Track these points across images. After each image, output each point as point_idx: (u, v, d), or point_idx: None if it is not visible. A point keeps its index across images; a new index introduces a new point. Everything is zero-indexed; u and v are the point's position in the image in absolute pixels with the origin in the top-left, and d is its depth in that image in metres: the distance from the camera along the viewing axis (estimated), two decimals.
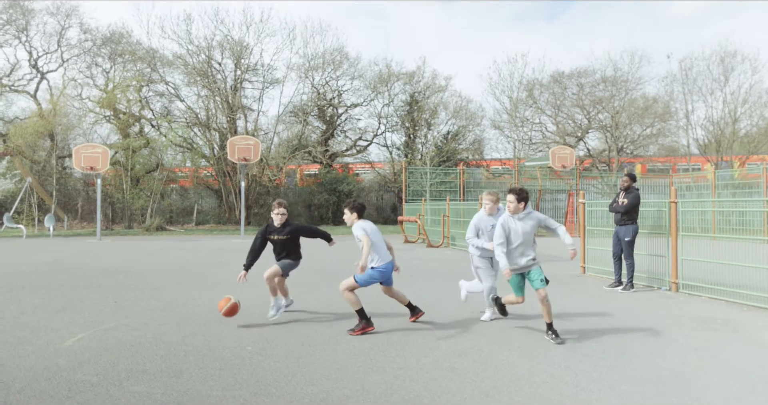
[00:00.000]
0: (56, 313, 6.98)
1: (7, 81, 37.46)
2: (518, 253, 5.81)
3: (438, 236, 19.48)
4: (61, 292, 8.71)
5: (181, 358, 4.96)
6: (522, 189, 5.84)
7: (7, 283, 9.76)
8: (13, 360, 4.87)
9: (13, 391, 4.07)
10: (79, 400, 3.84)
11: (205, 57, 35.45)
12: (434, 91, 38.77)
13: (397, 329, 6.18)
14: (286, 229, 6.80)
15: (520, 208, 5.80)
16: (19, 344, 5.43)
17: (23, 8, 36.68)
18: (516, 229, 5.79)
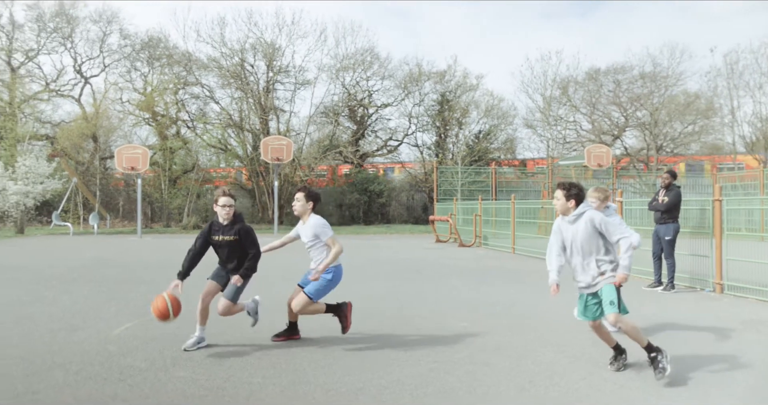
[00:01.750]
0: (104, 304, 7.29)
1: (54, 86, 38.72)
2: (579, 267, 4.59)
3: (470, 236, 19.48)
4: (107, 285, 9.06)
5: (222, 348, 5.16)
6: (573, 184, 4.61)
7: (60, 275, 10.22)
8: (69, 345, 5.15)
9: (71, 373, 4.32)
10: (130, 383, 4.06)
11: (239, 59, 36.04)
12: (465, 90, 38.65)
13: (431, 326, 6.28)
14: (235, 228, 5.24)
15: (570, 207, 4.56)
16: (73, 331, 5.73)
17: (68, 16, 37.84)
18: (568, 235, 4.60)
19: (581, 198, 4.57)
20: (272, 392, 3.97)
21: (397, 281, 9.96)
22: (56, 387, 4.00)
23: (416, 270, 11.75)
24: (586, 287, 4.57)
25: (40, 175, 26.47)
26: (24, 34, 38.43)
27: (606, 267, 4.50)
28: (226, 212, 5.22)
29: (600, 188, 5.68)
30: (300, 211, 5.44)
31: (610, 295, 4.41)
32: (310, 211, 5.44)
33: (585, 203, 4.59)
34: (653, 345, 4.41)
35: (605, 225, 4.47)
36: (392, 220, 36.98)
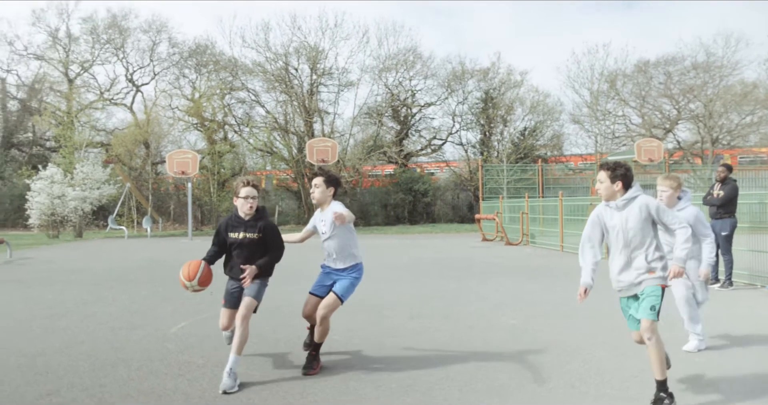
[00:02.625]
0: (160, 303, 7.57)
1: (108, 95, 40.18)
2: (621, 263, 3.87)
3: (516, 234, 19.29)
4: (163, 285, 9.38)
5: (273, 345, 5.30)
6: (618, 163, 3.93)
7: (117, 277, 10.64)
8: (130, 343, 5.39)
9: (133, 369, 4.53)
10: (189, 378, 4.23)
11: (283, 63, 36.61)
12: (509, 87, 38.25)
13: (479, 324, 6.29)
14: (259, 224, 4.45)
15: (617, 190, 3.85)
16: (132, 329, 5.98)
17: (120, 28, 39.18)
18: (613, 223, 3.88)
19: (629, 179, 3.90)
20: (324, 388, 4.07)
21: (444, 280, 9.98)
22: (121, 381, 4.20)
23: (463, 269, 11.74)
24: (626, 288, 3.87)
25: (97, 181, 27.48)
26: (79, 46, 40.04)
27: (657, 264, 3.79)
28: (249, 205, 4.41)
29: (671, 175, 5.13)
30: (320, 199, 4.69)
31: (654, 299, 3.73)
32: (331, 198, 4.72)
33: (636, 187, 3.90)
34: (668, 387, 3.68)
35: (662, 212, 3.81)
36: (437, 219, 36.90)
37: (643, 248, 3.82)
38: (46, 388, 4.06)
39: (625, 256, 3.86)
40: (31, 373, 4.43)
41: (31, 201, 26.14)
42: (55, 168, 27.21)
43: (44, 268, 12.86)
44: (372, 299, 7.89)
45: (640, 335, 3.79)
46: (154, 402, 3.73)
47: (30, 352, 5.09)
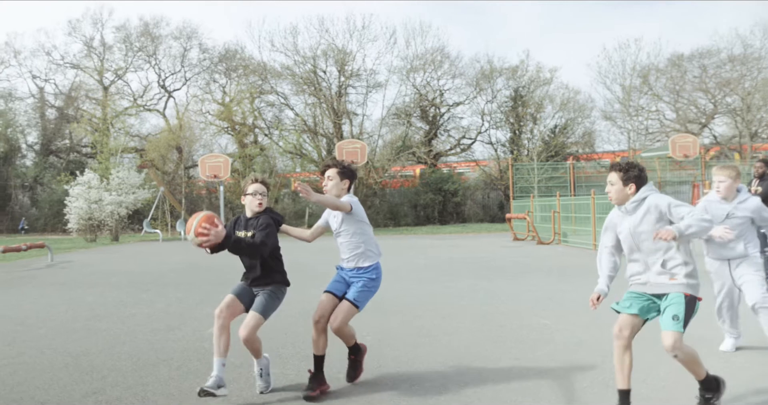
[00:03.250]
0: (196, 305, 7.74)
1: (141, 101, 41.06)
2: (637, 268, 3.54)
3: (548, 233, 19.13)
4: (198, 287, 9.59)
5: (308, 345, 5.34)
6: (631, 164, 3.56)
7: (154, 280, 10.90)
8: (169, 343, 5.54)
9: (174, 368, 4.67)
10: (227, 378, 4.32)
11: (311, 66, 36.93)
12: (539, 85, 37.97)
13: (511, 323, 6.29)
14: (259, 220, 4.07)
15: (628, 193, 3.48)
16: (171, 330, 6.14)
17: (152, 35, 40.00)
18: (622, 228, 3.55)
19: (643, 181, 3.49)
20: (356, 387, 4.14)
21: (475, 280, 9.97)
22: (162, 380, 4.34)
23: (494, 268, 11.71)
24: (643, 284, 3.52)
25: (132, 185, 28.11)
26: (113, 54, 41.04)
27: (679, 270, 3.39)
28: (258, 202, 4.07)
29: (729, 165, 4.72)
30: (334, 193, 4.30)
31: (677, 308, 3.31)
32: (346, 191, 4.34)
33: (648, 186, 3.50)
34: (712, 377, 3.51)
35: (674, 207, 3.36)
36: (468, 219, 36.79)
37: (659, 253, 3.43)
38: (92, 386, 4.22)
39: (642, 262, 3.51)
40: (77, 372, 4.60)
41: (70, 206, 26.86)
42: (92, 173, 27.92)
43: (84, 271, 13.23)
44: (403, 299, 7.95)
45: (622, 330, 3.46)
46: (194, 401, 3.85)
47: (75, 352, 5.27)
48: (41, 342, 5.74)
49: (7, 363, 4.95)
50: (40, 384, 4.31)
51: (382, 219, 34.87)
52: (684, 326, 3.30)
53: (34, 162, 43.09)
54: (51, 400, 3.93)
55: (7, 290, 9.93)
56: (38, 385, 4.27)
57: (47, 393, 4.09)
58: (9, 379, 4.44)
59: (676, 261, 3.40)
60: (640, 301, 3.48)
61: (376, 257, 4.29)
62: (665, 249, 3.41)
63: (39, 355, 5.19)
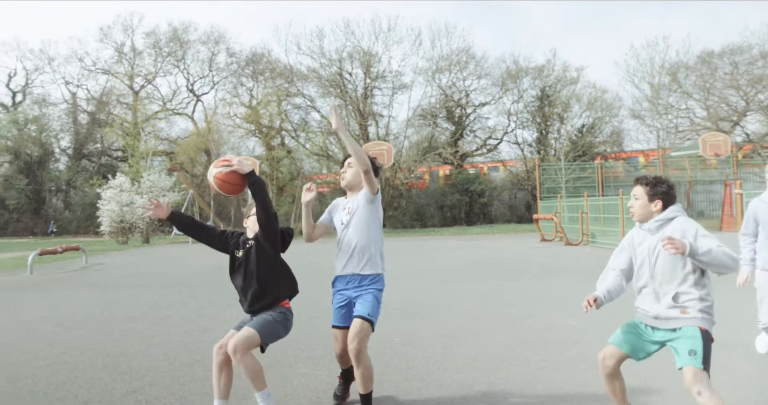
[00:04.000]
0: (227, 307, 7.91)
1: (170, 105, 41.79)
2: (649, 295, 3.14)
3: (576, 234, 18.99)
4: (228, 289, 9.69)
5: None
6: (659, 178, 3.17)
7: (185, 282, 11.15)
8: (203, 344, 5.69)
9: (208, 369, 4.75)
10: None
11: (337, 69, 37.16)
12: (566, 84, 37.68)
13: (538, 325, 6.31)
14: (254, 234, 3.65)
15: (653, 210, 3.12)
16: (203, 332, 6.31)
17: (181, 41, 40.70)
18: (642, 248, 3.18)
19: (672, 199, 3.13)
20: (388, 387, 4.22)
21: (502, 281, 9.99)
22: (198, 380, 4.48)
23: (521, 269, 11.70)
24: (653, 317, 3.11)
25: (162, 188, 28.66)
26: (143, 59, 41.87)
27: (693, 304, 2.99)
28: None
29: None
30: (351, 181, 3.87)
31: (693, 343, 2.92)
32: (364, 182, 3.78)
33: (677, 207, 3.13)
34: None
35: (701, 237, 2.96)
36: (495, 219, 36.64)
37: (674, 284, 3.04)
38: (131, 386, 4.37)
39: (653, 292, 3.12)
40: (117, 372, 4.77)
41: (102, 209, 27.49)
42: (124, 177, 28.54)
43: (117, 273, 13.57)
44: (430, 301, 8.01)
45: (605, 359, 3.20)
46: (230, 400, 3.97)
47: (113, 352, 5.46)
48: (81, 342, 5.95)
49: (50, 363, 5.15)
50: (82, 383, 4.48)
51: (408, 220, 34.93)
52: (704, 364, 2.88)
53: (67, 166, 44.16)
54: (93, 399, 4.09)
55: (46, 292, 10.24)
56: (80, 384, 4.44)
57: (89, 392, 4.25)
58: (53, 378, 4.63)
59: (691, 295, 3.00)
60: (636, 339, 3.17)
61: (382, 267, 3.81)
62: (681, 280, 3.02)
63: (79, 356, 5.38)
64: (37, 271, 14.06)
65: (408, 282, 10.26)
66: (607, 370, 3.22)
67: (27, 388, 4.38)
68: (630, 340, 3.17)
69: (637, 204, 3.18)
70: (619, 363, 3.20)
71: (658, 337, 3.11)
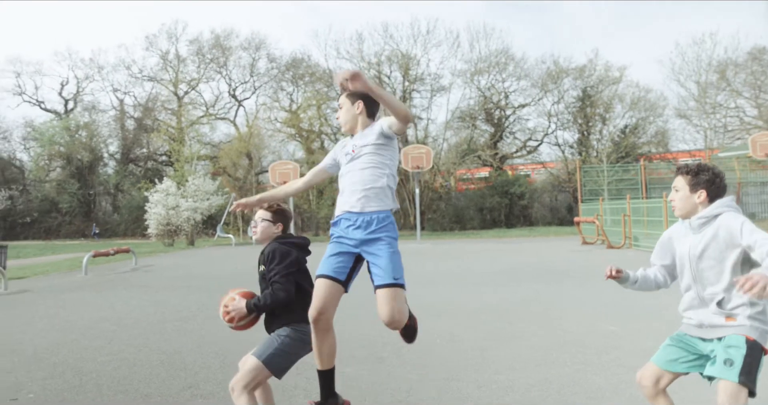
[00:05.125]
0: None
1: (213, 110, 42.81)
2: (689, 299, 2.79)
3: (618, 237, 18.77)
4: None
5: (380, 348, 5.67)
6: (702, 166, 2.78)
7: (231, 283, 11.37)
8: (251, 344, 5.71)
9: None
10: (307, 376, 4.67)
11: (376, 72, 37.48)
12: (608, 84, 37.14)
13: (578, 328, 6.38)
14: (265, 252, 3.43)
15: (696, 202, 2.71)
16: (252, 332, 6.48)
17: (223, 47, 41.67)
18: (682, 247, 2.79)
19: (719, 190, 2.72)
20: (428, 387, 4.39)
21: (541, 284, 10.03)
22: None
23: (561, 273, 11.70)
24: (697, 326, 2.74)
25: (206, 192, 29.43)
26: (187, 66, 43.02)
27: (741, 311, 2.59)
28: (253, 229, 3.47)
29: None
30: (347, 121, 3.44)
31: (734, 352, 2.51)
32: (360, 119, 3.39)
33: (726, 200, 2.71)
34: None
35: (747, 232, 2.53)
36: (535, 222, 36.35)
37: (720, 287, 2.65)
38: (186, 381, 4.65)
39: (696, 296, 2.75)
40: (172, 368, 5.07)
41: (150, 212, 28.40)
42: (170, 181, 29.43)
43: (165, 274, 14.08)
44: (470, 304, 8.14)
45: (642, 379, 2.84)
46: (279, 396, 4.19)
47: (167, 350, 5.77)
48: (137, 340, 6.29)
49: (111, 359, 5.49)
50: (141, 378, 4.79)
51: (447, 223, 34.96)
52: (745, 377, 2.47)
53: (115, 170, 45.68)
54: (153, 393, 4.38)
55: (101, 293, 10.75)
56: (140, 379, 4.75)
57: (149, 386, 4.55)
58: (114, 374, 4.95)
59: (740, 300, 2.60)
60: (678, 352, 2.79)
61: (392, 203, 3.23)
62: (729, 281, 2.61)
63: (137, 353, 5.71)
64: (91, 272, 14.68)
65: (448, 284, 10.40)
66: (645, 391, 2.86)
67: (92, 382, 4.71)
68: (671, 353, 2.78)
69: (677, 196, 2.79)
70: (658, 382, 2.81)
71: (705, 349, 2.69)
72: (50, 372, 5.07)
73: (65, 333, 6.86)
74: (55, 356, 5.67)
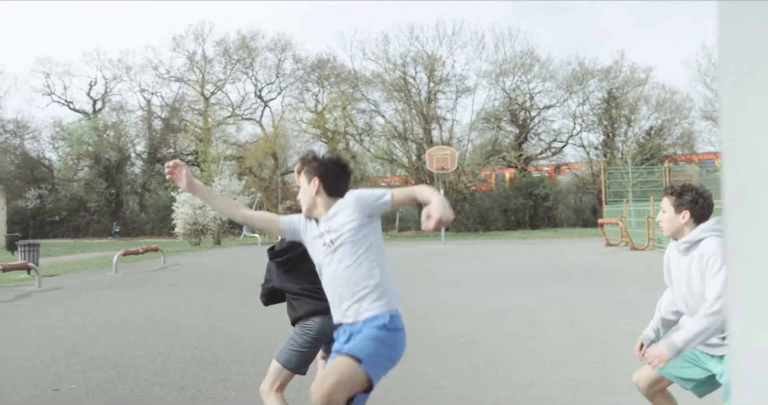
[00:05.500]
0: None
1: (239, 111, 43.35)
2: (687, 318, 2.80)
3: (642, 239, 18.67)
4: None
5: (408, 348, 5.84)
6: (686, 187, 2.78)
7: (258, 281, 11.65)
8: (279, 341, 5.95)
9: None
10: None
11: (401, 73, 37.66)
12: (634, 85, 36.80)
13: (598, 328, 6.48)
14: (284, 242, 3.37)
15: (681, 222, 2.72)
16: (280, 329, 6.64)
17: (249, 48, 42.19)
18: (676, 268, 2.82)
19: (704, 212, 2.71)
20: (452, 384, 4.55)
21: (564, 285, 10.10)
22: None
23: (584, 274, 11.74)
24: (709, 345, 2.69)
25: (233, 192, 29.87)
26: (214, 67, 43.62)
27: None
28: None
29: None
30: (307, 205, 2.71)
31: None
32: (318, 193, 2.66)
33: (707, 225, 2.68)
34: None
35: (709, 269, 2.55)
36: (559, 223, 36.19)
37: None
38: (219, 375, 4.88)
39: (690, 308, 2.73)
40: (205, 362, 5.30)
41: (177, 211, 28.92)
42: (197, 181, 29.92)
43: (194, 273, 14.42)
44: (492, 304, 8.27)
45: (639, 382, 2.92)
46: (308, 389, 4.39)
47: (200, 345, 6.02)
48: (170, 336, 6.55)
49: (146, 353, 5.74)
50: (176, 371, 5.03)
51: (472, 224, 34.99)
52: None
53: (142, 170, 46.49)
54: (188, 385, 4.61)
55: (133, 290, 11.09)
56: (175, 372, 4.99)
57: (184, 379, 4.78)
58: (150, 367, 5.20)
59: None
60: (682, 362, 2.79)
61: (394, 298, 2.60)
62: None
63: (170, 348, 5.96)
64: (121, 270, 15.09)
65: (471, 285, 10.53)
66: (642, 392, 2.95)
67: (130, 375, 4.96)
68: (674, 362, 2.70)
69: (664, 217, 2.81)
70: (655, 385, 2.88)
71: (710, 365, 2.72)
72: (89, 365, 5.34)
73: (100, 328, 7.16)
74: (92, 350, 5.94)
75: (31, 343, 6.37)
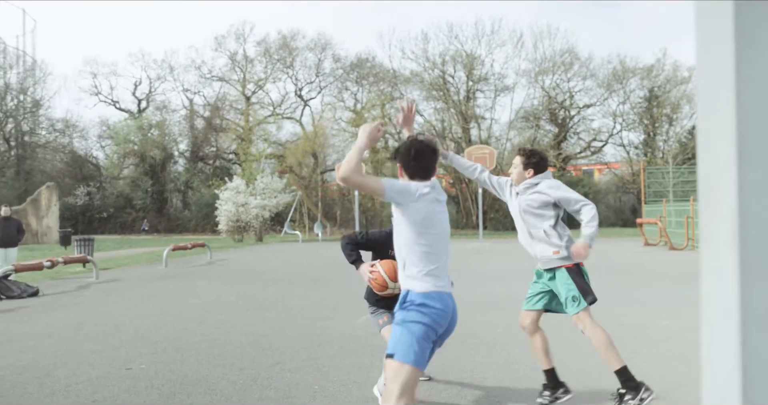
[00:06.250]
0: (344, 298, 8.84)
1: (279, 110, 44.17)
2: (525, 244, 4.12)
3: (681, 239, 18.55)
4: (343, 284, 10.73)
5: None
6: (534, 151, 3.99)
7: (302, 276, 12.30)
8: (327, 330, 6.58)
9: (335, 348, 5.67)
10: (380, 357, 5.17)
11: (440, 72, 37.85)
12: (676, 84, 36.21)
13: (633, 322, 6.69)
14: None
15: (525, 176, 3.92)
16: (327, 320, 7.22)
17: (290, 48, 42.95)
18: (512, 206, 4.06)
19: (540, 167, 3.96)
20: (489, 368, 4.87)
21: (602, 283, 10.20)
22: (328, 357, 5.33)
23: (622, 273, 11.85)
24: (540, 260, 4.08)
25: (274, 190, 30.57)
26: (254, 67, 44.55)
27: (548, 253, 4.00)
28: None
29: None
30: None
31: (569, 288, 3.94)
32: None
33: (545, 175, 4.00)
34: (632, 375, 3.82)
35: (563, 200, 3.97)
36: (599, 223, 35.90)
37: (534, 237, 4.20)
38: (274, 359, 5.30)
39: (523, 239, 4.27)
40: (259, 348, 5.73)
41: (220, 209, 29.76)
42: (239, 179, 30.72)
43: (239, 268, 15.00)
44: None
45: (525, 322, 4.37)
46: (357, 372, 4.78)
47: (254, 333, 6.46)
48: (225, 324, 7.02)
49: (204, 339, 6.21)
50: (234, 354, 5.47)
51: (510, 222, 34.98)
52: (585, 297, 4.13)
53: (185, 168, 47.76)
54: (247, 367, 5.04)
55: (184, 283, 11.69)
56: (233, 355, 5.43)
57: (242, 361, 5.22)
58: (209, 351, 5.65)
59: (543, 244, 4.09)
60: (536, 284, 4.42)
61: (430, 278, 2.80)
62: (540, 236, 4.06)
63: (225, 335, 6.42)
64: (171, 265, 15.79)
65: (510, 280, 10.77)
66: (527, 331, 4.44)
67: (192, 357, 5.42)
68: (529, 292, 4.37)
69: (514, 171, 3.98)
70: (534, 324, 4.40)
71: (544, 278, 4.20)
72: (154, 348, 5.83)
73: (159, 317, 7.68)
74: (154, 336, 6.45)
75: (98, 328, 6.92)
